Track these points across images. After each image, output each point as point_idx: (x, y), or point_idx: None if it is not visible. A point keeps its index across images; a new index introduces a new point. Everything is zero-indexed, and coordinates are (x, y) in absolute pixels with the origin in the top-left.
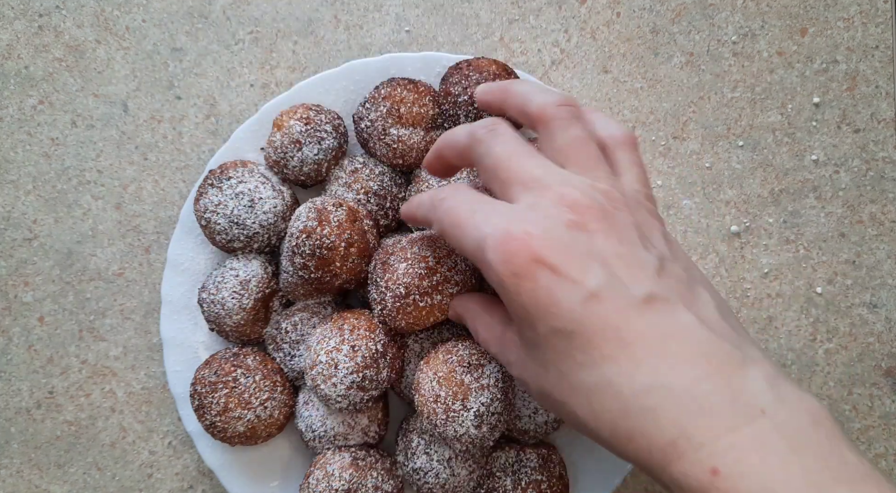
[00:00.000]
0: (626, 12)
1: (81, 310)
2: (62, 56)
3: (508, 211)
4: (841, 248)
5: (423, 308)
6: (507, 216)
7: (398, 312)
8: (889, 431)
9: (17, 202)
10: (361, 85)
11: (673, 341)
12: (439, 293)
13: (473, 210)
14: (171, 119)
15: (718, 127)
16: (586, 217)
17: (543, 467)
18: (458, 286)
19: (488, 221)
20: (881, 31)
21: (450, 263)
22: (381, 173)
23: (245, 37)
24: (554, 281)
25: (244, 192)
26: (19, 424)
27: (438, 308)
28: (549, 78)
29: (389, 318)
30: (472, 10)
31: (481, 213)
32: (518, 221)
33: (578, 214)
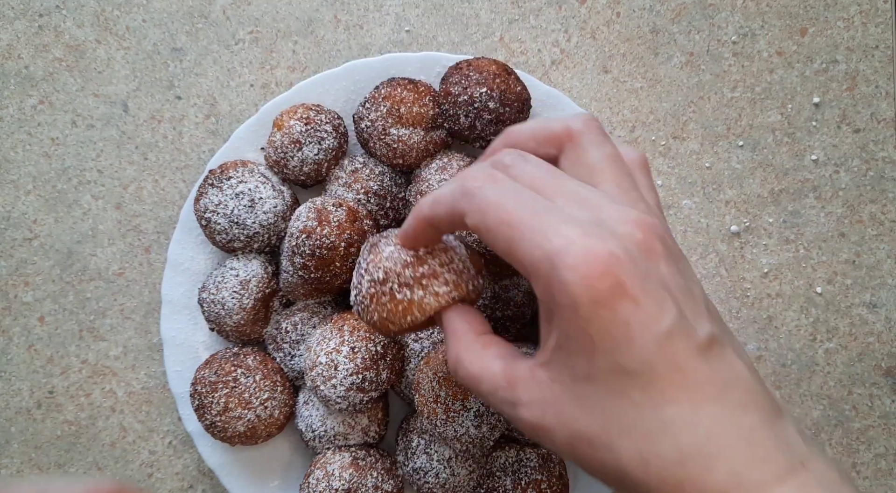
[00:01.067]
0: (625, 12)
1: (81, 310)
2: (62, 56)
3: (582, 222)
4: (841, 248)
5: (399, 302)
6: (584, 229)
7: (371, 300)
8: (889, 431)
9: (18, 202)
10: (361, 85)
11: (733, 387)
12: (422, 289)
13: (536, 210)
14: (171, 119)
15: (718, 127)
16: (651, 240)
17: (543, 466)
18: (447, 287)
19: (559, 230)
20: (881, 31)
21: (444, 258)
22: (381, 173)
23: (245, 37)
24: (632, 313)
25: (244, 192)
26: (19, 424)
27: (418, 307)
28: (550, 78)
29: (362, 307)
30: (471, 10)
31: (548, 217)
32: (598, 237)
33: (645, 234)
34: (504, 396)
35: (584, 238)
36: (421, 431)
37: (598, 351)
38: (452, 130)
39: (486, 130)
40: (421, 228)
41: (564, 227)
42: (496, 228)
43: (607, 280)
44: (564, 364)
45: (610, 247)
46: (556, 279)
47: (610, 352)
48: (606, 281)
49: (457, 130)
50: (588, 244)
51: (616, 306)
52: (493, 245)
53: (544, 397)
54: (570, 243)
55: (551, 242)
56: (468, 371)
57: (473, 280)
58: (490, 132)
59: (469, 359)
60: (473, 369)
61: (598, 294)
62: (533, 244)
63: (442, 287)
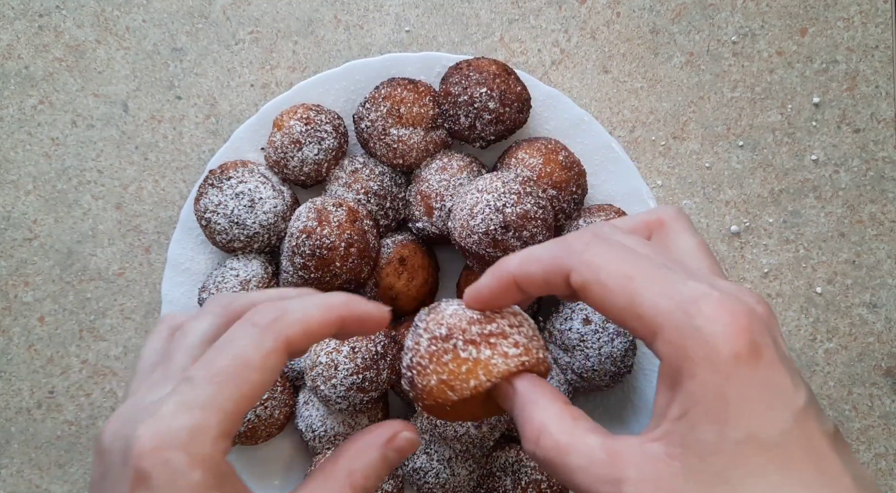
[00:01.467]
0: (625, 12)
1: (82, 310)
2: (62, 56)
3: (702, 280)
4: (841, 248)
5: (463, 361)
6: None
7: (431, 359)
8: (889, 431)
9: (18, 202)
10: (361, 85)
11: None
12: (490, 348)
13: (655, 265)
14: (171, 119)
15: (718, 127)
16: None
17: None
18: (518, 350)
19: (687, 283)
20: (881, 31)
21: (513, 320)
22: (381, 173)
23: (245, 37)
24: (772, 379)
25: (244, 192)
26: (20, 424)
27: (484, 369)
28: (550, 78)
29: (418, 370)
30: (471, 10)
31: (669, 273)
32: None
33: (765, 309)
34: (602, 472)
35: (716, 293)
36: (421, 431)
37: (733, 417)
38: (452, 130)
39: (486, 130)
40: (503, 286)
41: (692, 281)
42: (612, 281)
43: (747, 337)
44: (687, 436)
45: (747, 304)
46: (691, 329)
47: (746, 419)
48: (747, 337)
49: (457, 130)
50: (725, 298)
51: (757, 365)
52: (606, 301)
53: (658, 475)
54: (706, 294)
55: (683, 292)
56: (556, 441)
57: (543, 349)
58: (490, 132)
59: (558, 427)
60: (562, 439)
61: (740, 349)
62: (660, 294)
63: (512, 349)
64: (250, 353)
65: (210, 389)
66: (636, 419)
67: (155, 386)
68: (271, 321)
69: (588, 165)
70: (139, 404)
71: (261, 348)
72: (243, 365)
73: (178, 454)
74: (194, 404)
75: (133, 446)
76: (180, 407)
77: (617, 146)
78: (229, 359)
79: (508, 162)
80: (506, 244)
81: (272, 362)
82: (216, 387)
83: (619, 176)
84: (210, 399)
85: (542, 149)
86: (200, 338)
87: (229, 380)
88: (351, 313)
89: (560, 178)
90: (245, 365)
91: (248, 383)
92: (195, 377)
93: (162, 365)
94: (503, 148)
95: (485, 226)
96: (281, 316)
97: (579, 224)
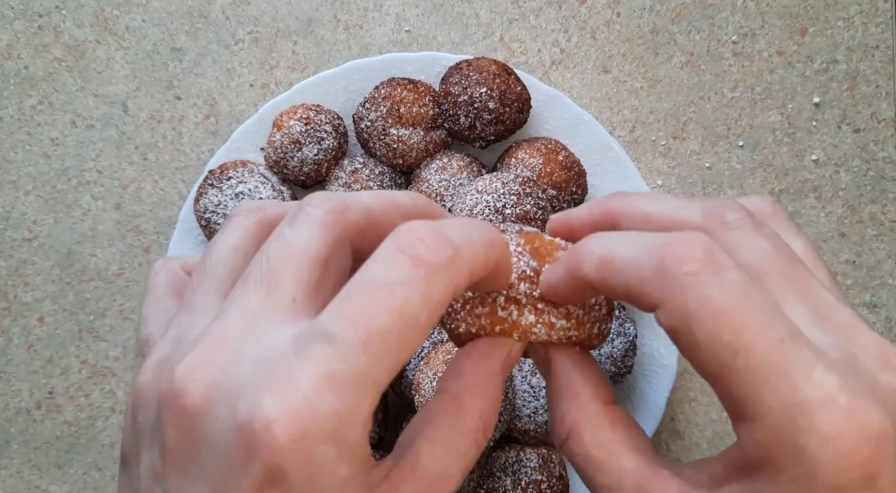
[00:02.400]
0: (626, 12)
1: (81, 310)
2: (62, 56)
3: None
4: (841, 248)
5: (499, 321)
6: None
7: (464, 306)
8: None
9: (17, 202)
10: (361, 85)
11: None
12: (536, 313)
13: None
14: (170, 119)
15: (718, 127)
16: None
17: (543, 467)
18: (568, 323)
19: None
20: (881, 31)
21: None
22: (381, 173)
23: (245, 37)
24: None
25: (244, 192)
26: (19, 424)
27: (521, 335)
28: (550, 78)
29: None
30: (471, 10)
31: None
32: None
33: None
34: None
35: (847, 397)
36: None
37: None
38: (452, 130)
39: (486, 130)
40: (578, 288)
41: (818, 370)
42: (710, 346)
43: (863, 470)
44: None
45: (880, 420)
46: (793, 441)
47: None
48: (863, 471)
49: (457, 130)
50: (855, 408)
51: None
52: (694, 360)
53: None
54: (829, 402)
55: (801, 391)
56: (586, 451)
57: (602, 323)
58: (490, 132)
59: (592, 436)
60: (595, 452)
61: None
62: (767, 383)
63: (561, 320)
64: (416, 307)
65: (364, 359)
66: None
67: (259, 321)
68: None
69: (588, 165)
70: (245, 348)
71: (430, 300)
72: (408, 326)
73: (325, 448)
74: (346, 379)
75: (260, 426)
76: (326, 383)
77: (617, 146)
78: (389, 316)
79: (508, 162)
80: None
81: (437, 318)
82: (372, 357)
83: (619, 176)
84: (364, 373)
85: (542, 149)
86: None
87: (390, 347)
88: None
89: (560, 178)
90: (411, 326)
91: (409, 350)
92: (342, 337)
93: (255, 277)
94: (503, 148)
95: None
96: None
97: None
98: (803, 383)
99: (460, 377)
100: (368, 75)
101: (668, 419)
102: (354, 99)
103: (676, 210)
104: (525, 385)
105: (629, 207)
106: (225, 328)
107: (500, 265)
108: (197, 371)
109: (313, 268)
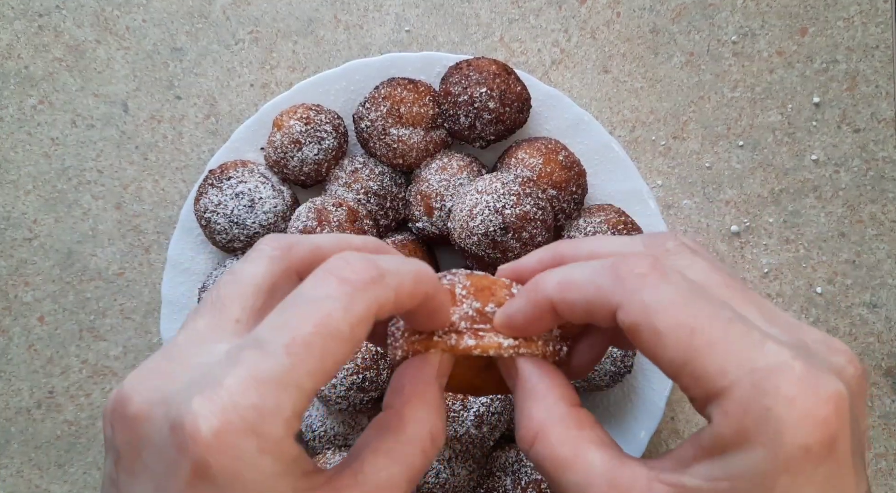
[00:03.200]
0: (626, 12)
1: (81, 310)
2: (62, 56)
3: (787, 343)
4: (841, 247)
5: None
6: (796, 352)
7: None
8: (889, 431)
9: (17, 202)
10: (361, 85)
11: None
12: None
13: (724, 317)
14: (170, 119)
15: (718, 127)
16: (862, 380)
17: None
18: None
19: (764, 346)
20: (881, 31)
21: None
22: (381, 173)
23: (245, 37)
24: (837, 479)
25: (244, 192)
26: (19, 424)
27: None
28: (550, 78)
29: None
30: (471, 10)
31: (743, 327)
32: (818, 368)
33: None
34: None
35: (801, 365)
36: None
37: None
38: (452, 130)
39: (486, 129)
40: (539, 312)
41: (770, 343)
42: (669, 332)
43: (825, 431)
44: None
45: (835, 384)
46: (759, 408)
47: None
48: (824, 432)
49: (457, 129)
50: (812, 375)
51: (824, 461)
52: (658, 352)
53: None
54: (786, 367)
55: (758, 359)
56: (553, 452)
57: (555, 342)
58: (490, 132)
59: (557, 436)
60: (562, 451)
61: (812, 443)
62: (729, 357)
63: (507, 340)
64: (338, 319)
65: (287, 361)
66: (635, 419)
67: (204, 339)
68: (368, 281)
69: (588, 164)
70: (187, 361)
71: (351, 313)
72: (330, 335)
73: (246, 440)
74: (268, 378)
75: (188, 424)
76: (250, 382)
77: (617, 146)
78: (312, 325)
79: (508, 162)
80: (505, 246)
81: (360, 333)
82: (294, 359)
83: (620, 176)
84: (287, 374)
85: (542, 149)
86: (254, 284)
87: (311, 352)
88: (437, 293)
89: (560, 178)
90: (332, 335)
91: (332, 358)
92: (268, 343)
93: (206, 303)
94: (503, 148)
95: (484, 228)
96: (378, 278)
97: (579, 224)
98: (759, 354)
99: (401, 392)
100: (368, 75)
101: (668, 419)
102: (354, 99)
103: (621, 246)
104: None
105: (576, 249)
106: (174, 345)
107: (431, 299)
108: (142, 382)
109: (257, 294)
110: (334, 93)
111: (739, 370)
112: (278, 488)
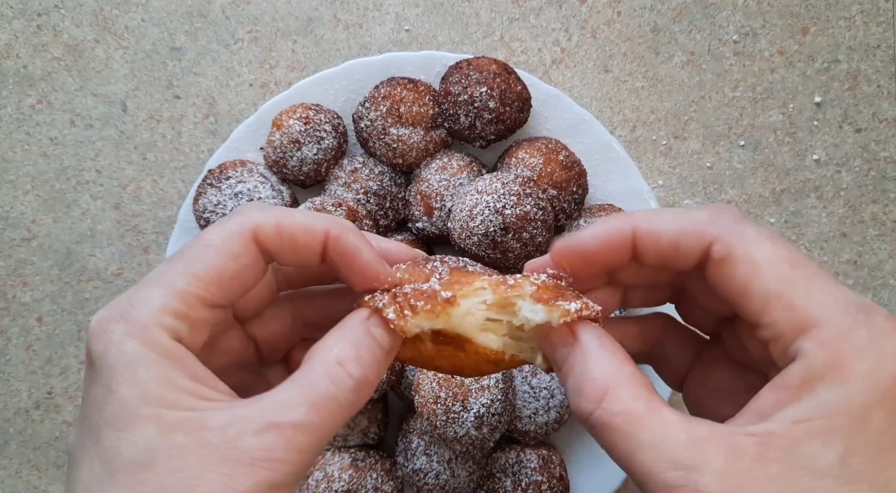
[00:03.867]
0: (626, 11)
1: (80, 310)
2: (61, 55)
3: None
4: (842, 248)
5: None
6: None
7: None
8: None
9: (16, 202)
10: (361, 85)
11: None
12: None
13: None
14: (169, 119)
15: (719, 126)
16: None
17: (543, 468)
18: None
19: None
20: (883, 31)
21: None
22: (381, 173)
23: (244, 36)
24: None
25: (243, 191)
26: (18, 424)
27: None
28: (550, 77)
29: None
30: (472, 9)
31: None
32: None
33: None
34: (675, 453)
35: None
36: (421, 432)
37: None
38: (452, 130)
39: (486, 129)
40: (614, 241)
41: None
42: (768, 263)
43: None
44: (799, 448)
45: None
46: (857, 338)
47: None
48: None
49: (457, 129)
50: None
51: None
52: (751, 282)
53: (749, 476)
54: (877, 307)
55: (851, 297)
56: (626, 407)
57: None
58: (490, 132)
59: (630, 392)
60: (635, 406)
61: None
62: (824, 289)
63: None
64: (211, 234)
65: (162, 267)
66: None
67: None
68: (242, 210)
69: (588, 164)
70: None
71: (222, 229)
72: (201, 245)
73: (115, 324)
74: (145, 281)
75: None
76: (136, 287)
77: (618, 146)
78: (191, 242)
79: (508, 162)
80: (505, 246)
81: (233, 245)
82: (167, 265)
83: (620, 176)
84: (159, 275)
85: (543, 148)
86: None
87: (182, 257)
88: (340, 240)
89: (560, 177)
90: (203, 245)
91: (202, 262)
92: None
93: None
94: (503, 148)
95: (484, 228)
96: (262, 208)
97: (580, 224)
98: (851, 294)
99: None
100: (368, 75)
101: None
102: (354, 98)
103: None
104: (525, 386)
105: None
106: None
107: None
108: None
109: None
110: (334, 92)
111: (837, 303)
112: (145, 374)
